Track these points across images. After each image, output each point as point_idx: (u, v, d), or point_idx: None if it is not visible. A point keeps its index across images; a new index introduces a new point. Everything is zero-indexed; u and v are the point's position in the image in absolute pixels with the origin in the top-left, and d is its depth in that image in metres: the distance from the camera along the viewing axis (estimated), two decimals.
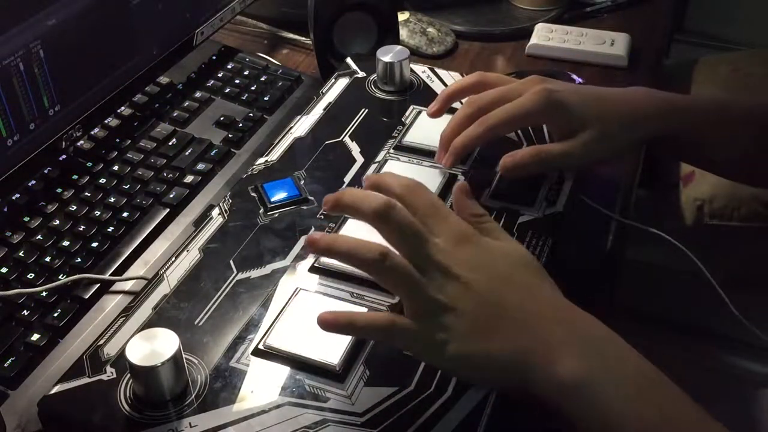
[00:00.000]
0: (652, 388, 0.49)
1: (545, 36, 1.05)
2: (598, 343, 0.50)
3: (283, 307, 0.58)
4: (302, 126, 0.78)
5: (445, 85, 0.82)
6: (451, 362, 0.51)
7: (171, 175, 0.79)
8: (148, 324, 0.58)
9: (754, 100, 0.75)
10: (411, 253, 0.51)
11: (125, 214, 0.74)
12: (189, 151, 0.82)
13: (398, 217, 0.51)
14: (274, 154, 0.74)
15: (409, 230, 0.51)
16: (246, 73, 0.95)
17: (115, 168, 0.79)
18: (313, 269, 0.62)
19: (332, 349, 0.55)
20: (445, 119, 0.76)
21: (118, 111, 0.85)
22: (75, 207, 0.74)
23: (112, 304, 0.67)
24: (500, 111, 0.67)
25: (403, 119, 0.78)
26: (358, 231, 0.64)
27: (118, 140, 0.82)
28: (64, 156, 0.78)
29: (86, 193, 0.75)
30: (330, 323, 0.51)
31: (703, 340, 1.01)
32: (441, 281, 0.51)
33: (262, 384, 0.54)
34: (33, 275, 0.67)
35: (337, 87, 0.83)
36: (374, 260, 0.50)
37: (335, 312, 0.52)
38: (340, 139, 0.76)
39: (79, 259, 0.69)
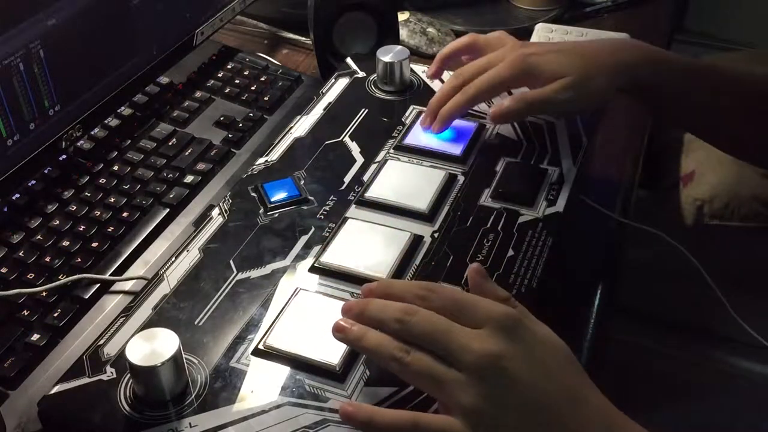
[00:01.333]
0: None
1: (545, 36, 1.05)
2: None
3: (283, 307, 0.58)
4: (302, 126, 0.78)
5: None
6: None
7: (171, 175, 0.79)
8: (148, 324, 0.58)
9: (742, 69, 0.75)
10: (445, 354, 0.47)
11: (125, 214, 0.74)
12: (189, 151, 0.82)
13: (421, 322, 0.48)
14: (274, 154, 0.74)
15: (438, 331, 0.48)
16: (246, 73, 0.95)
17: (115, 168, 0.79)
18: (313, 269, 0.62)
19: (332, 349, 0.55)
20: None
21: (118, 111, 0.85)
22: (75, 207, 0.74)
23: (112, 304, 0.67)
24: (479, 80, 0.71)
25: (403, 119, 0.78)
26: (358, 232, 0.65)
27: (118, 140, 0.82)
28: (64, 156, 0.78)
29: (86, 193, 0.75)
30: (350, 416, 0.49)
31: (703, 340, 1.01)
32: (489, 376, 0.46)
33: (262, 384, 0.54)
34: (33, 275, 0.67)
35: (337, 87, 0.83)
36: (400, 360, 0.48)
37: (357, 405, 0.49)
38: (340, 139, 0.76)
39: (79, 259, 0.69)
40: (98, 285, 0.68)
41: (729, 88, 0.73)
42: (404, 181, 0.70)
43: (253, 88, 0.92)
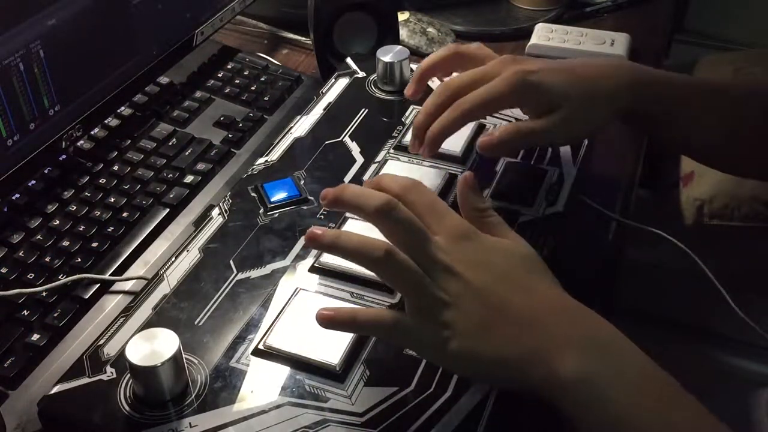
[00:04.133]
0: (654, 388, 0.48)
1: (545, 36, 1.05)
2: (600, 341, 0.50)
3: (283, 307, 0.58)
4: (302, 126, 0.78)
5: None
6: (452, 360, 0.51)
7: (171, 175, 0.79)
8: (148, 324, 0.58)
9: (736, 83, 0.74)
10: (413, 251, 0.51)
11: (125, 214, 0.74)
12: (189, 151, 0.82)
13: (400, 215, 0.51)
14: (274, 154, 0.74)
15: (411, 228, 0.52)
16: (246, 73, 0.95)
17: (115, 168, 0.79)
18: (313, 269, 0.62)
19: (332, 349, 0.55)
20: None
21: (118, 111, 0.85)
22: (75, 207, 0.74)
23: (112, 304, 0.67)
24: (474, 95, 0.65)
25: (403, 119, 0.78)
26: (358, 232, 0.64)
27: (118, 140, 0.82)
28: (64, 156, 0.78)
29: (86, 193, 0.75)
30: (330, 320, 0.51)
31: (703, 340, 1.01)
32: (442, 279, 0.51)
33: (262, 384, 0.54)
34: (33, 275, 0.67)
35: (337, 87, 0.83)
36: (378, 258, 0.50)
37: (335, 308, 0.52)
38: (340, 139, 0.76)
39: (79, 259, 0.69)
40: (98, 285, 0.68)
41: (723, 107, 0.71)
42: None
43: (253, 88, 0.92)
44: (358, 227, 0.65)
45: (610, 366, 0.49)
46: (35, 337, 0.63)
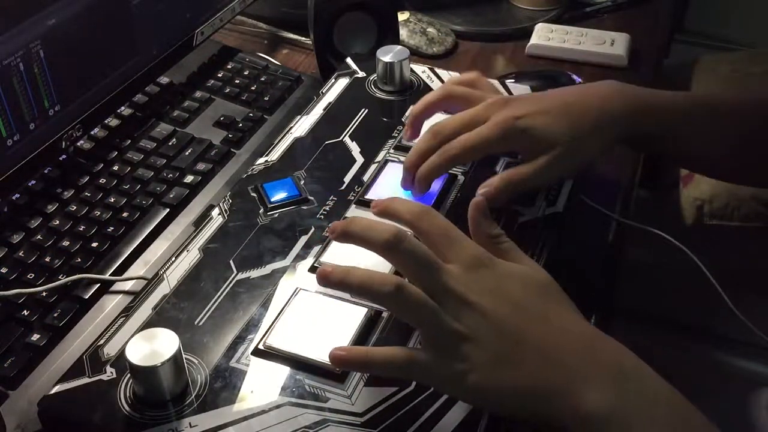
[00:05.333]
0: (682, 423, 0.47)
1: (545, 36, 1.05)
2: (625, 372, 0.49)
3: (283, 307, 0.58)
4: (302, 126, 0.78)
5: None
6: (470, 394, 0.50)
7: (171, 175, 0.79)
8: (148, 324, 0.58)
9: (733, 95, 0.74)
10: (425, 283, 0.50)
11: (125, 214, 0.74)
12: (189, 151, 0.82)
13: (409, 246, 0.50)
14: (274, 154, 0.74)
15: (421, 260, 0.50)
16: (246, 73, 0.95)
17: (115, 168, 0.79)
18: (313, 269, 0.62)
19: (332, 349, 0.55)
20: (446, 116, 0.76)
21: (118, 111, 0.85)
22: (75, 207, 0.74)
23: (112, 304, 0.67)
24: (460, 141, 0.65)
25: (403, 119, 0.78)
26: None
27: (118, 140, 0.82)
28: (64, 156, 0.78)
29: (86, 193, 0.75)
30: (343, 360, 0.50)
31: (703, 340, 1.01)
32: (457, 310, 0.49)
33: (262, 384, 0.54)
34: (33, 275, 0.67)
35: (337, 87, 0.83)
36: (388, 293, 0.49)
37: (348, 348, 0.51)
38: (340, 139, 0.76)
39: (79, 259, 0.69)
40: (98, 285, 0.68)
41: (722, 121, 0.70)
42: None
43: (253, 88, 0.92)
44: None
45: (638, 398, 0.47)
46: (35, 337, 0.63)
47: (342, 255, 0.62)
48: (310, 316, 0.57)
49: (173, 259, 0.63)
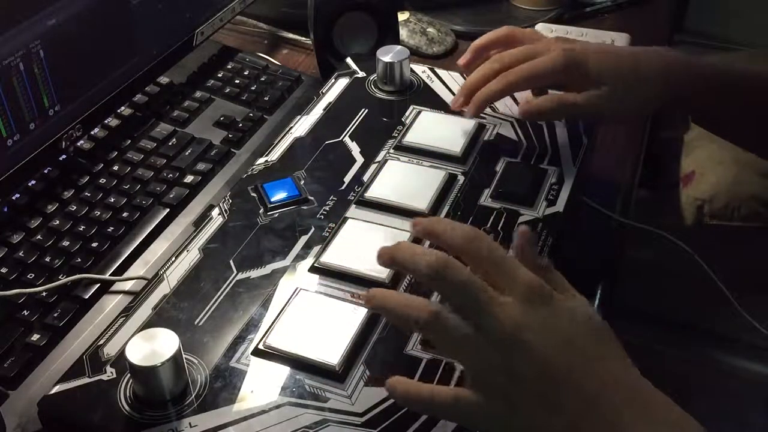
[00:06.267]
0: None
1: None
2: (671, 424, 0.46)
3: (283, 307, 0.58)
4: (302, 126, 0.78)
5: (445, 85, 0.82)
6: None
7: (171, 175, 0.79)
8: (148, 324, 0.58)
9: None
10: (470, 314, 0.46)
11: (125, 214, 0.74)
12: (189, 151, 0.82)
13: (456, 275, 0.47)
14: (274, 154, 0.74)
15: (468, 290, 0.47)
16: (246, 73, 0.95)
17: (115, 168, 0.79)
18: (313, 269, 0.62)
19: (332, 349, 0.55)
20: (446, 121, 0.76)
21: (118, 111, 0.85)
22: (75, 207, 0.74)
23: (112, 304, 0.67)
24: (521, 68, 0.69)
25: (403, 119, 0.78)
26: (358, 232, 0.65)
27: (118, 140, 0.82)
28: (64, 156, 0.78)
29: (86, 193, 0.75)
30: (403, 398, 0.49)
31: (703, 340, 1.01)
32: (507, 345, 0.46)
33: (262, 384, 0.54)
34: (33, 275, 0.67)
35: (337, 87, 0.83)
36: (425, 321, 0.46)
37: (409, 382, 0.49)
38: (340, 139, 0.76)
39: (79, 259, 0.69)
40: (98, 285, 0.68)
41: (755, 94, 0.73)
42: (404, 181, 0.70)
43: (253, 88, 0.92)
44: (358, 227, 0.65)
45: None
46: (35, 337, 0.63)
47: (342, 255, 0.62)
48: (310, 316, 0.57)
49: (173, 259, 0.63)
